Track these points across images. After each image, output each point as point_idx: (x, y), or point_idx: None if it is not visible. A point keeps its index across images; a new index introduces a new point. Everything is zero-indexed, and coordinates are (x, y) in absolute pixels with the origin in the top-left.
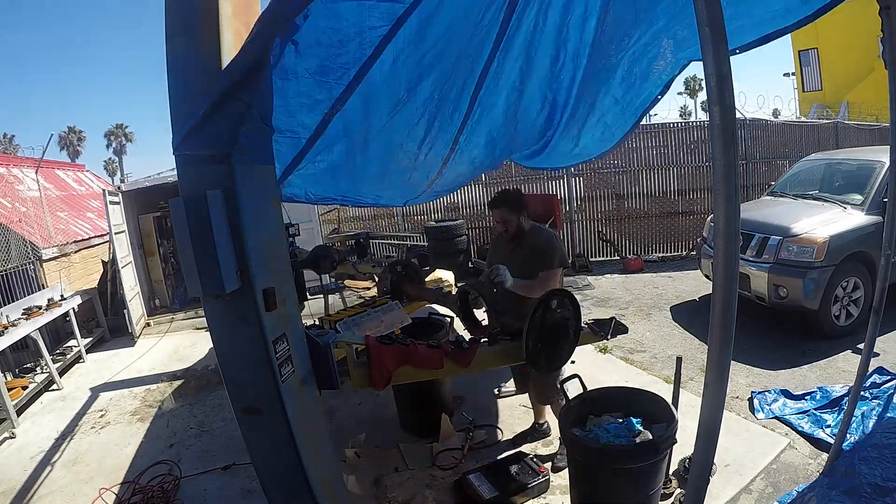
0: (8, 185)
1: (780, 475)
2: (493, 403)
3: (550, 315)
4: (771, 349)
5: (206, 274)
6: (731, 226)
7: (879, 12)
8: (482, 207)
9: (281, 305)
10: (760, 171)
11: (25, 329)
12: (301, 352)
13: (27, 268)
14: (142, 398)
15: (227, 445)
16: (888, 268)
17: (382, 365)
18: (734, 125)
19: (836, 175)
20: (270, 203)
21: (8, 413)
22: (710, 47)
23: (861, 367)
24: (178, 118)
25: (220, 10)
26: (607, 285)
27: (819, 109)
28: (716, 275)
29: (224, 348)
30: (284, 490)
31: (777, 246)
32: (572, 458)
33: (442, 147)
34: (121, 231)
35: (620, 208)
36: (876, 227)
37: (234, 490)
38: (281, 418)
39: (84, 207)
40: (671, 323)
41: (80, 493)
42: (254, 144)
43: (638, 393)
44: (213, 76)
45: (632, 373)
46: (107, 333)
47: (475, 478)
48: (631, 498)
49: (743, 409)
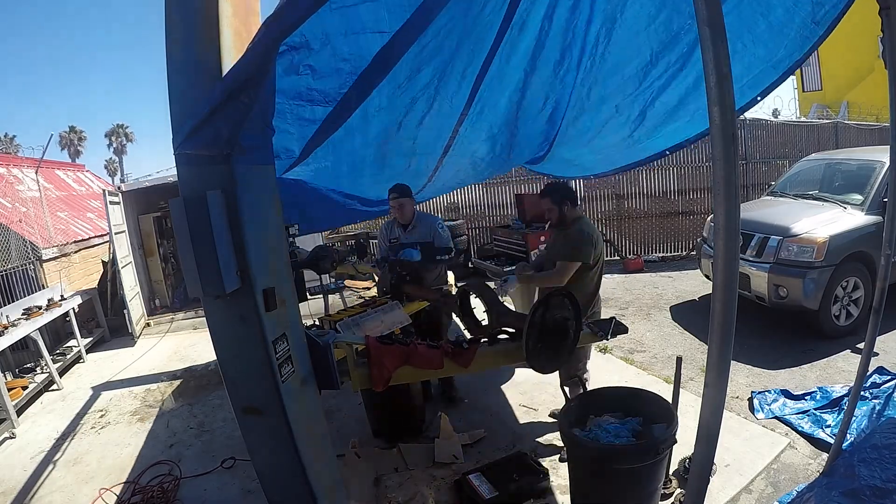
0: (8, 185)
1: (780, 475)
2: (493, 403)
3: (550, 315)
4: (771, 349)
5: (206, 274)
6: (731, 225)
7: (879, 12)
8: (482, 207)
9: (281, 305)
10: (760, 171)
11: (25, 329)
12: (301, 352)
13: (27, 268)
14: (142, 398)
15: (228, 445)
16: (888, 268)
17: (382, 365)
18: (734, 125)
19: (836, 175)
20: (270, 203)
21: (8, 413)
22: (710, 47)
23: (861, 367)
24: (178, 118)
25: (219, 10)
26: (607, 285)
27: (819, 109)
28: (716, 275)
29: (224, 348)
30: (284, 490)
31: (777, 246)
32: (572, 458)
33: (443, 131)
34: (121, 231)
35: (620, 208)
36: (876, 226)
37: (234, 490)
38: (281, 418)
39: (84, 207)
40: (671, 323)
41: (80, 494)
42: (254, 144)
43: (638, 393)
44: (213, 76)
45: (632, 373)
46: (107, 333)
47: (475, 478)
48: (631, 498)
49: (743, 409)
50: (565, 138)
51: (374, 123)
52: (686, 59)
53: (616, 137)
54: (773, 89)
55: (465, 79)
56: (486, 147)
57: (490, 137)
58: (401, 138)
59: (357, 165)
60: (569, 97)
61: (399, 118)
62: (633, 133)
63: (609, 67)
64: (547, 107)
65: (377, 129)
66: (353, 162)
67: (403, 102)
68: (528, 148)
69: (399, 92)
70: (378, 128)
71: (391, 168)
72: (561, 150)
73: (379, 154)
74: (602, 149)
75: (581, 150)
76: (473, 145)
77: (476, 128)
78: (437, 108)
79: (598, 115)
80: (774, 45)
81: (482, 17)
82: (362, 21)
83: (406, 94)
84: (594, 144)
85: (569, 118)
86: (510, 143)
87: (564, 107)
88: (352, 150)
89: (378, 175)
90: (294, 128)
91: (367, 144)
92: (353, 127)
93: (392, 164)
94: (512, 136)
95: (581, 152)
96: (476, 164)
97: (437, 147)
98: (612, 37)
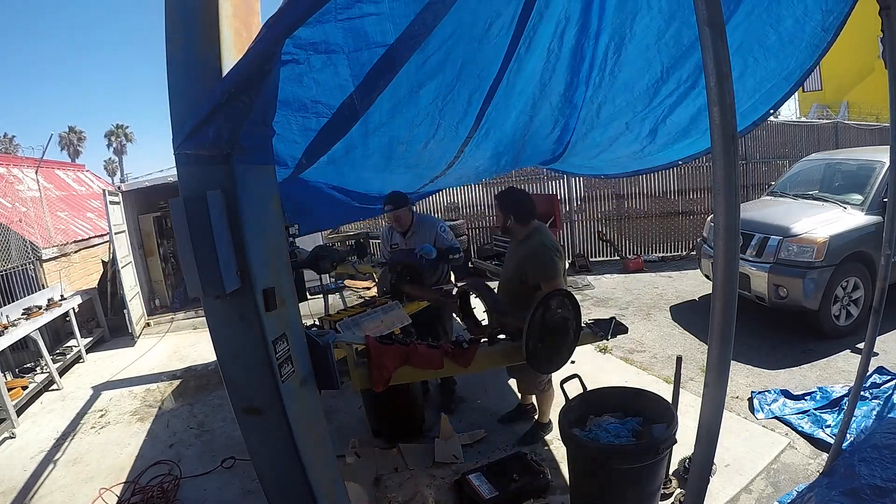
0: (8, 185)
1: (780, 475)
2: (493, 403)
3: (550, 315)
4: (771, 349)
5: (206, 274)
6: (731, 225)
7: (879, 12)
8: (482, 207)
9: (281, 305)
10: (760, 171)
11: (25, 329)
12: (301, 352)
13: (27, 268)
14: (142, 398)
15: (228, 445)
16: (888, 268)
17: (382, 365)
18: (734, 125)
19: (836, 175)
20: (270, 203)
21: (8, 413)
22: (710, 47)
23: (861, 367)
24: (178, 118)
25: (219, 9)
26: (607, 285)
27: (819, 109)
28: (716, 275)
29: (224, 348)
30: (284, 490)
31: (777, 246)
32: (572, 457)
33: (446, 153)
34: (121, 231)
35: (620, 208)
36: (876, 227)
37: (234, 490)
38: (281, 418)
39: (84, 207)
40: (671, 323)
41: (80, 494)
42: (254, 144)
43: (638, 393)
44: (214, 76)
45: (632, 373)
46: (107, 333)
47: (475, 478)
48: (631, 498)
49: (743, 409)
50: (575, 150)
51: (375, 138)
52: (698, 77)
53: (626, 151)
54: (784, 101)
55: (471, 105)
56: (491, 162)
57: (495, 155)
58: (404, 155)
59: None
60: (577, 114)
61: (403, 139)
62: (644, 149)
63: (619, 85)
64: (556, 129)
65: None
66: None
67: (405, 119)
68: (534, 160)
69: (400, 107)
70: (379, 143)
71: (392, 172)
72: (571, 159)
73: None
74: (612, 160)
75: (591, 161)
76: (478, 161)
77: (482, 147)
78: (442, 135)
79: (607, 132)
80: (786, 57)
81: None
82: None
83: (408, 110)
84: (604, 157)
85: (579, 133)
86: (516, 158)
87: (573, 125)
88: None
89: (381, 176)
90: (300, 137)
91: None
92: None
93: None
94: (518, 153)
95: (592, 162)
96: (479, 173)
97: (441, 164)
98: (621, 52)
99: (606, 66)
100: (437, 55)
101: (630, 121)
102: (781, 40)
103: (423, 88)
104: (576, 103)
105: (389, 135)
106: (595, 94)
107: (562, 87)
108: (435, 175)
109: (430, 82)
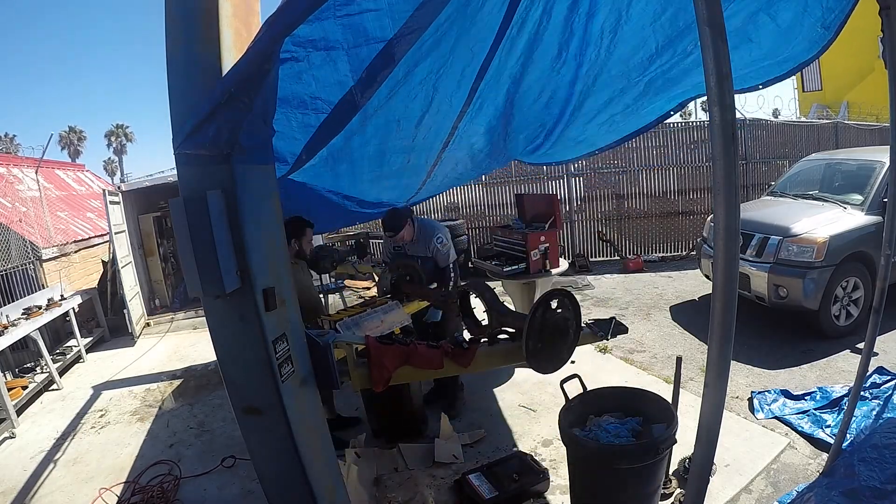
0: (8, 184)
1: (780, 475)
2: (493, 403)
3: (550, 315)
4: (771, 349)
5: (206, 274)
6: (731, 225)
7: (879, 12)
8: (482, 207)
9: (281, 305)
10: (760, 171)
11: (25, 329)
12: (301, 352)
13: (27, 268)
14: (142, 398)
15: (228, 445)
16: (888, 268)
17: (382, 365)
18: (734, 125)
19: (836, 175)
20: (270, 203)
21: (8, 413)
22: (710, 47)
23: (861, 367)
24: (178, 118)
25: (219, 9)
26: (607, 285)
27: (819, 109)
28: (716, 275)
29: (224, 348)
30: (284, 490)
31: (777, 246)
32: (572, 457)
33: (441, 131)
34: (121, 231)
35: (620, 208)
36: (876, 227)
37: (234, 490)
38: (281, 418)
39: (84, 207)
40: (671, 323)
41: (80, 493)
42: (254, 144)
43: (638, 393)
44: (214, 76)
45: (632, 373)
46: (107, 333)
47: (475, 478)
48: (631, 498)
49: (743, 409)
50: (572, 121)
51: (372, 122)
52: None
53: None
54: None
55: (463, 77)
56: (485, 139)
57: (489, 130)
58: (399, 136)
59: (356, 163)
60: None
61: (397, 116)
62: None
63: (614, 60)
64: (542, 97)
65: (375, 128)
66: (351, 160)
67: (401, 99)
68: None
69: (397, 88)
70: (376, 126)
71: (389, 165)
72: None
73: (378, 152)
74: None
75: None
76: (472, 139)
77: (475, 122)
78: (436, 108)
79: (600, 98)
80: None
81: (481, 15)
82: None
83: (403, 90)
84: (599, 118)
85: (575, 104)
86: (506, 131)
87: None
88: (350, 149)
89: (377, 172)
90: (300, 134)
91: (365, 143)
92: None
93: (390, 162)
94: (507, 124)
95: (587, 128)
96: (475, 156)
97: (437, 143)
98: (617, 31)
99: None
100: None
101: (625, 86)
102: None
103: (417, 67)
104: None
105: (386, 116)
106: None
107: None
108: (432, 160)
109: (425, 60)
